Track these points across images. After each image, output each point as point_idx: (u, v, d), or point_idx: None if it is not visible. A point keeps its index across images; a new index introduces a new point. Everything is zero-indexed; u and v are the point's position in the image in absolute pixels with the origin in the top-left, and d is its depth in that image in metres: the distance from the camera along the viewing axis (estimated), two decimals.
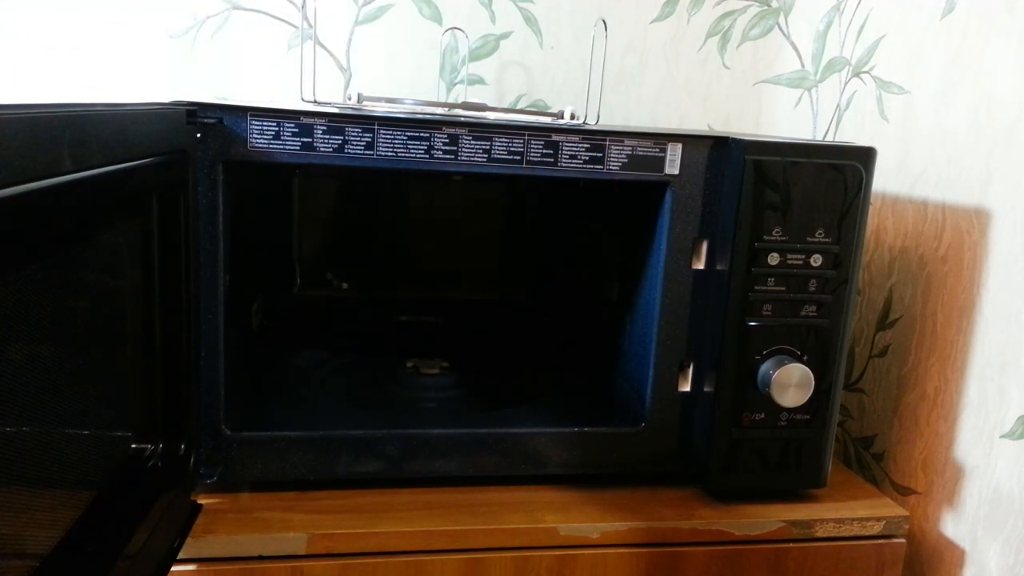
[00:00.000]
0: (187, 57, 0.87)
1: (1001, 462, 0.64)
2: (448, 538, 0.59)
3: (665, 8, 0.94)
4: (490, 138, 0.59)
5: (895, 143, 0.77)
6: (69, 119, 0.36)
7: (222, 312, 0.58)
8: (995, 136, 0.65)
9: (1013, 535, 0.63)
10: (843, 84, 0.85)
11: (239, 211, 0.64)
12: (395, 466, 0.63)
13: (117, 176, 0.41)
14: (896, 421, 0.75)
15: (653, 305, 0.64)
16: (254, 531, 0.57)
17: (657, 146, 0.61)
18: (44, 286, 0.38)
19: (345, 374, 0.78)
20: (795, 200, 0.60)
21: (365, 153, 0.58)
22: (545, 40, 0.93)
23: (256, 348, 0.81)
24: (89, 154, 0.38)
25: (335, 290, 0.94)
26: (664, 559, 0.62)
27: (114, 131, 0.41)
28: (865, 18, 0.82)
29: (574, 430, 0.65)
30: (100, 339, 0.46)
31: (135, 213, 0.50)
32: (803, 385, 0.61)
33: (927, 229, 0.72)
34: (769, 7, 0.95)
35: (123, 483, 0.49)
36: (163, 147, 0.49)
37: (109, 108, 0.41)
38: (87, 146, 0.38)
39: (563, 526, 0.60)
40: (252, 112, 0.56)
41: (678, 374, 0.65)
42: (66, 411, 0.42)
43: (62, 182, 0.35)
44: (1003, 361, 0.64)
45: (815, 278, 0.62)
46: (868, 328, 0.80)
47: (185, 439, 0.56)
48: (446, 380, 0.77)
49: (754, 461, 0.64)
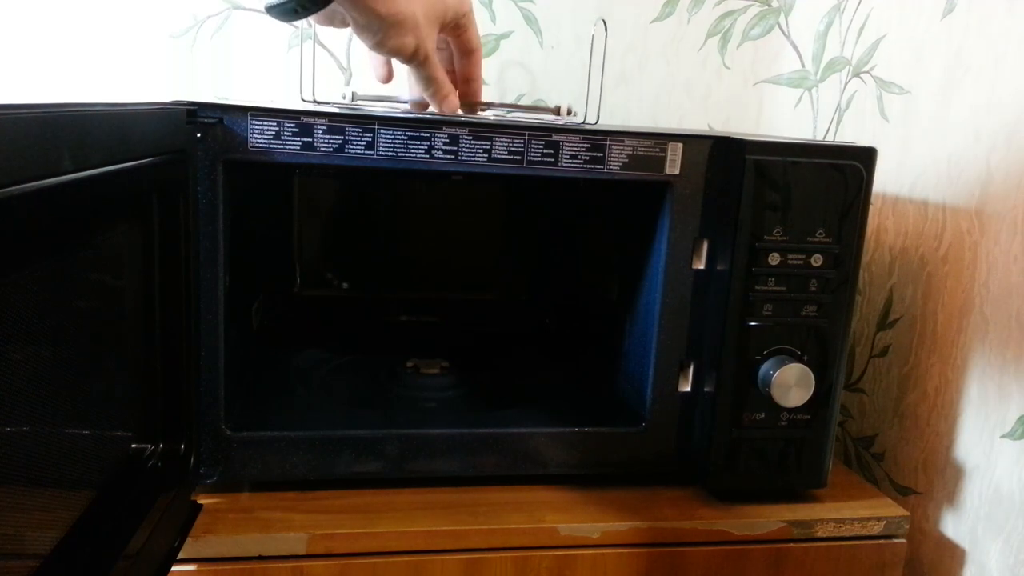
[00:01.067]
0: (187, 57, 0.87)
1: (1001, 462, 0.64)
2: (448, 538, 0.59)
3: (665, 8, 0.94)
4: (490, 138, 0.59)
5: (895, 143, 0.77)
6: (70, 119, 0.36)
7: (222, 312, 0.58)
8: (995, 136, 0.65)
9: (1013, 535, 0.63)
10: (843, 84, 0.85)
11: (239, 211, 0.64)
12: (395, 466, 0.63)
13: (117, 176, 0.41)
14: (896, 421, 0.75)
15: (653, 305, 0.64)
16: (254, 531, 0.57)
17: (657, 146, 0.61)
18: (44, 286, 0.38)
19: (345, 374, 0.78)
20: (795, 200, 0.60)
21: (365, 153, 0.58)
22: (545, 40, 0.93)
23: (256, 348, 0.81)
24: (89, 154, 0.38)
25: (335, 290, 0.93)
26: (664, 559, 0.62)
27: (114, 131, 0.41)
28: (865, 18, 0.82)
29: (574, 430, 0.65)
30: (100, 339, 0.46)
31: (135, 213, 0.50)
32: (803, 385, 0.61)
33: (927, 229, 0.72)
34: (769, 7, 0.95)
35: (123, 483, 0.49)
36: (163, 147, 0.49)
37: (109, 108, 0.41)
38: (87, 146, 0.38)
39: (563, 526, 0.60)
40: (252, 112, 0.56)
41: (678, 374, 0.65)
42: (66, 411, 0.42)
43: (62, 182, 0.35)
44: (1003, 361, 0.64)
45: (815, 278, 0.62)
46: (868, 328, 0.80)
47: (185, 439, 0.56)
48: (446, 380, 0.77)
49: (754, 461, 0.64)
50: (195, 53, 0.87)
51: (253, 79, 0.89)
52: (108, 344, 0.48)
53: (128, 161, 0.43)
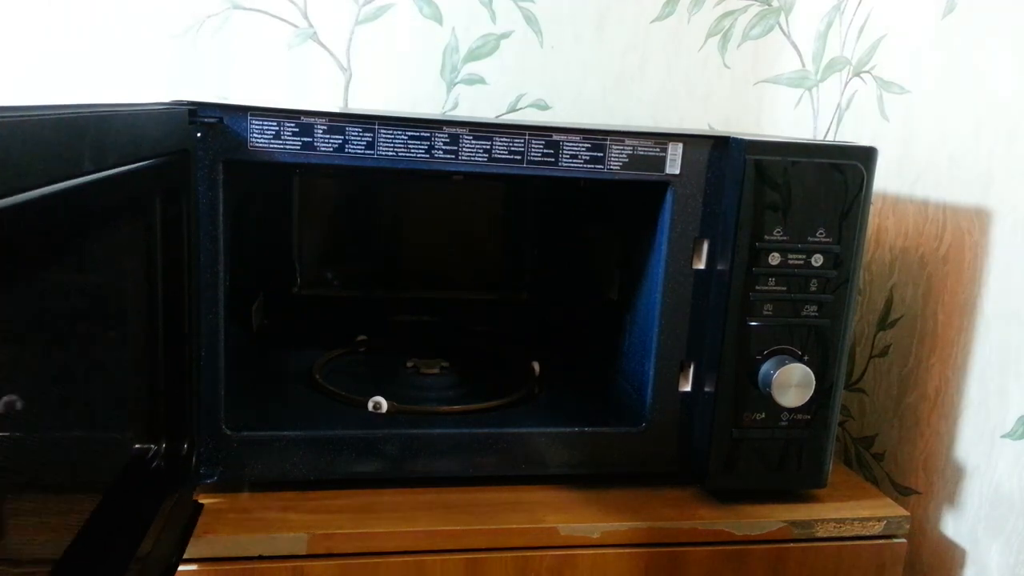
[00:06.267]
0: (187, 57, 0.87)
1: (1001, 462, 0.64)
2: (448, 538, 0.59)
3: (665, 8, 0.94)
4: (490, 138, 0.59)
5: (896, 143, 0.77)
6: (89, 119, 0.36)
7: (222, 312, 0.58)
8: (995, 136, 0.65)
9: (1013, 535, 0.63)
10: (844, 84, 0.85)
11: (239, 211, 0.64)
12: (395, 466, 0.63)
13: (129, 176, 0.41)
14: (897, 421, 0.75)
15: (653, 305, 0.64)
16: (254, 531, 0.57)
17: (658, 146, 0.61)
18: (53, 287, 0.38)
19: (345, 374, 0.78)
20: (796, 200, 0.60)
21: (365, 153, 0.58)
22: (545, 40, 0.93)
23: (256, 348, 0.81)
24: (106, 154, 0.38)
25: (335, 290, 0.93)
26: (664, 559, 0.62)
27: (127, 131, 0.41)
28: (866, 18, 0.82)
29: (574, 430, 0.65)
30: (103, 339, 0.46)
31: (138, 213, 0.50)
32: (804, 385, 0.61)
33: (928, 229, 0.72)
34: (770, 7, 0.95)
35: (128, 485, 0.48)
36: (168, 147, 0.49)
37: (123, 108, 0.41)
38: (105, 147, 0.38)
39: (563, 526, 0.60)
40: (252, 112, 0.56)
41: (678, 374, 0.65)
42: (71, 413, 0.42)
43: (83, 183, 0.35)
44: (1003, 361, 0.64)
45: (816, 278, 0.62)
46: (869, 328, 0.80)
47: (188, 439, 0.56)
48: (446, 380, 0.77)
49: (754, 461, 0.64)
50: (195, 53, 0.87)
51: (253, 79, 0.89)
52: (111, 344, 0.48)
53: (139, 161, 0.43)
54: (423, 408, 0.69)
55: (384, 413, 0.67)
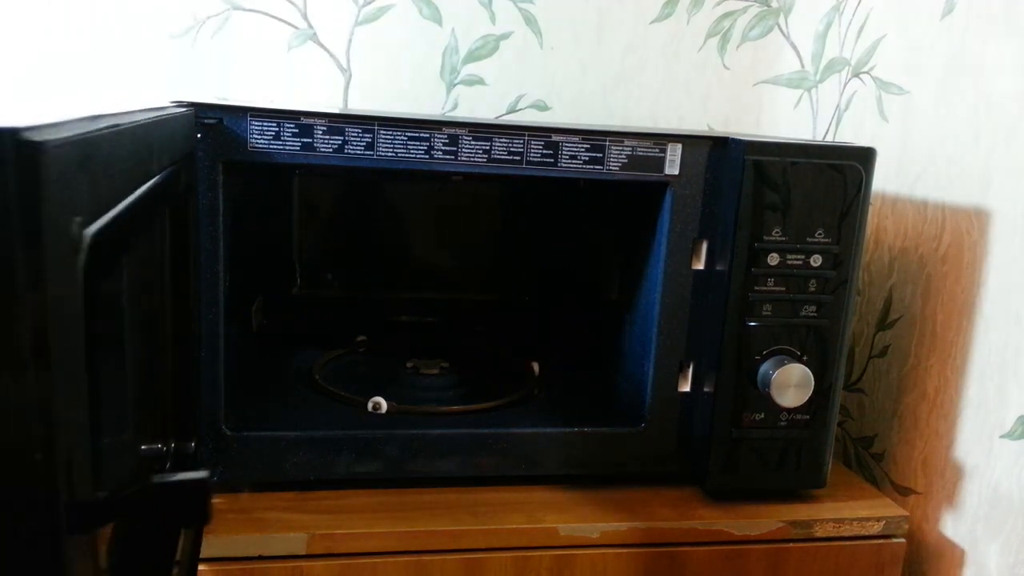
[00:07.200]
0: (187, 57, 0.87)
1: (1001, 462, 0.64)
2: (448, 538, 0.59)
3: (665, 8, 0.94)
4: (490, 138, 0.59)
5: (895, 143, 0.77)
6: (150, 127, 0.36)
7: (222, 312, 0.58)
8: (995, 136, 0.65)
9: (1013, 535, 0.63)
10: (843, 84, 0.85)
11: (239, 211, 0.64)
12: (395, 466, 0.63)
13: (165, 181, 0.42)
14: (896, 421, 0.75)
15: (653, 305, 0.64)
16: (254, 531, 0.57)
17: (657, 146, 0.61)
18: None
19: (345, 374, 0.78)
20: (795, 200, 0.60)
21: (365, 153, 0.58)
22: (545, 40, 0.93)
23: (256, 348, 0.81)
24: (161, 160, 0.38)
25: (335, 290, 0.93)
26: (664, 559, 0.62)
27: (168, 136, 0.42)
28: (865, 18, 0.82)
29: (574, 430, 0.65)
30: (109, 340, 0.46)
31: (156, 216, 0.50)
32: (803, 385, 0.61)
33: (927, 229, 0.72)
34: (769, 7, 0.95)
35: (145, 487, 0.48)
36: (184, 150, 0.50)
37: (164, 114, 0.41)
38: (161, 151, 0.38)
39: (563, 526, 0.60)
40: (252, 112, 0.56)
41: (678, 374, 0.65)
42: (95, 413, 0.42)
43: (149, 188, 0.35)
44: (1003, 361, 0.64)
45: (815, 278, 0.62)
46: (868, 328, 0.80)
47: (194, 438, 0.56)
48: (446, 380, 0.77)
49: (754, 461, 0.64)
50: (195, 53, 0.87)
51: (253, 80, 0.89)
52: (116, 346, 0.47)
53: (172, 164, 0.43)
54: (423, 408, 0.69)
55: (384, 413, 0.67)
